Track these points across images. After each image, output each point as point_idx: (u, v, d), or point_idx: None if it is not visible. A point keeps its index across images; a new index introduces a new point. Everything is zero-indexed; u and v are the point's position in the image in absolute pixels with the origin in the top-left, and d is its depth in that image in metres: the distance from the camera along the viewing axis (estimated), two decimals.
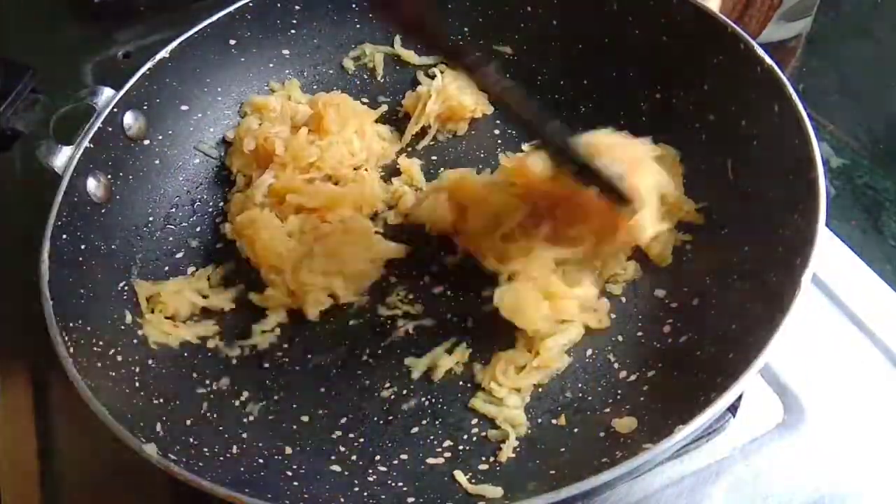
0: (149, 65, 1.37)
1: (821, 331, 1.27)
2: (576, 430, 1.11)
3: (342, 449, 1.14)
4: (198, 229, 1.41)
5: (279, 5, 1.50)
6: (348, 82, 1.58)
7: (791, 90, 1.15)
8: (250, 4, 1.46)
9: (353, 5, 1.55)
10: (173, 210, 1.42)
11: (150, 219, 1.37)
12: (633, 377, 1.15)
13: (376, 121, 1.50)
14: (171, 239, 1.39)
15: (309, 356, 1.25)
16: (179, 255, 1.37)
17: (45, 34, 1.87)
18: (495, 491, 1.04)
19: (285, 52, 1.54)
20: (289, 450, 1.14)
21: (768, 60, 1.19)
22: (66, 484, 1.24)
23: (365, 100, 1.54)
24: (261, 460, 1.11)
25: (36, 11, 1.92)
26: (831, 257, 1.34)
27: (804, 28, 1.78)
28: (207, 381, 1.22)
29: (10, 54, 1.35)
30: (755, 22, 1.76)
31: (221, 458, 1.09)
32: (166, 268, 1.35)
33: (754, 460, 1.15)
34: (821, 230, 1.03)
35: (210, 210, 1.44)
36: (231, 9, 1.45)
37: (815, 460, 1.14)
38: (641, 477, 1.15)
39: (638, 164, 1.21)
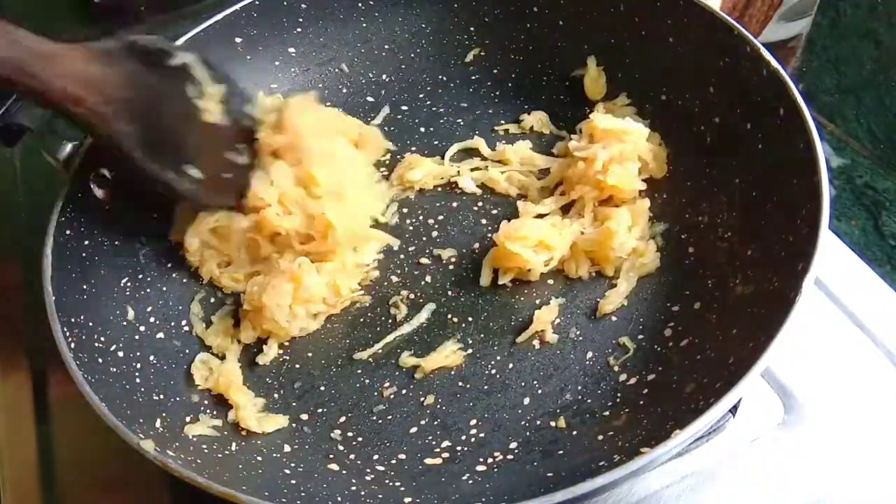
0: None
1: (821, 331, 1.23)
2: (574, 432, 1.08)
3: (340, 448, 1.11)
4: None
5: (286, 3, 1.45)
6: (353, 81, 1.53)
7: (796, 93, 1.11)
8: (256, 3, 1.42)
9: (360, 4, 1.51)
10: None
11: (154, 215, 1.32)
12: (632, 380, 1.11)
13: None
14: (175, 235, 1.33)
15: (309, 354, 1.22)
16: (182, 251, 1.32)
17: (46, 34, 1.82)
18: None
19: (291, 50, 1.49)
20: (287, 448, 1.11)
21: (774, 63, 1.15)
22: (65, 482, 1.21)
23: (371, 98, 1.51)
24: (259, 458, 1.08)
25: (36, 11, 1.88)
26: (832, 258, 1.31)
27: (804, 28, 1.75)
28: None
29: None
30: (755, 22, 1.73)
31: (219, 455, 1.06)
32: (169, 264, 1.30)
33: (754, 460, 1.12)
34: (823, 235, 0.99)
35: None
36: (238, 6, 1.41)
37: (815, 460, 1.11)
38: (642, 476, 1.11)
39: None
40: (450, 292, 1.25)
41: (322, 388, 1.17)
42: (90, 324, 1.12)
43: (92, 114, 1.05)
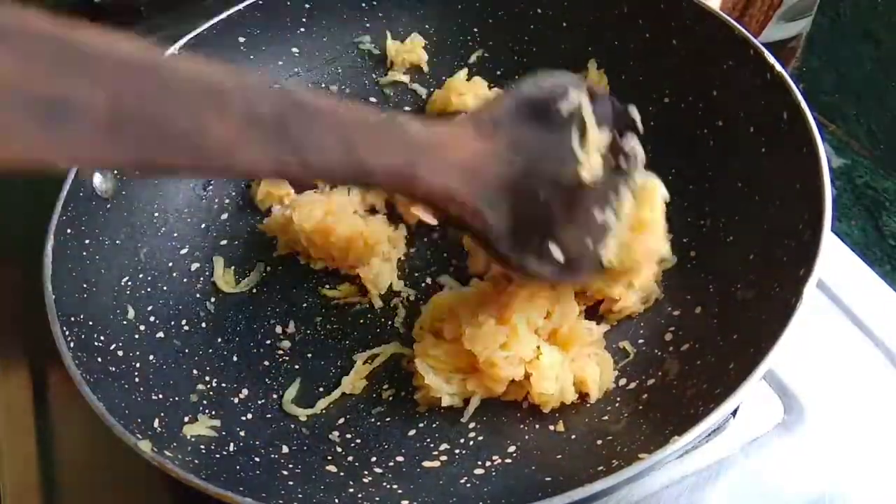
0: None
1: (820, 331, 1.21)
2: (573, 436, 1.05)
3: (339, 450, 1.09)
4: (202, 226, 1.35)
5: (289, 3, 1.43)
6: (357, 81, 1.51)
7: (799, 97, 1.08)
8: (260, 2, 1.39)
9: (363, 3, 1.48)
10: (179, 206, 1.35)
11: (156, 214, 1.30)
12: (632, 385, 1.09)
13: None
14: (175, 235, 1.31)
15: (309, 355, 1.20)
16: (184, 251, 1.30)
17: None
18: None
19: (294, 49, 1.46)
20: (285, 449, 1.08)
21: (778, 67, 1.12)
22: (65, 483, 1.19)
23: (374, 100, 1.48)
24: (257, 459, 1.05)
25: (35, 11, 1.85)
26: (832, 258, 1.27)
27: (804, 28, 1.73)
28: (207, 378, 1.16)
29: None
30: (755, 22, 1.70)
31: (217, 456, 1.03)
32: (170, 263, 1.28)
33: (754, 460, 1.10)
34: (825, 240, 0.97)
35: (216, 207, 1.38)
36: (241, 6, 1.38)
37: (815, 460, 1.09)
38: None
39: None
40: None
41: (321, 390, 1.15)
42: (90, 323, 1.09)
43: (464, 209, 0.87)
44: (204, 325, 1.22)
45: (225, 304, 1.25)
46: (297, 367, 1.18)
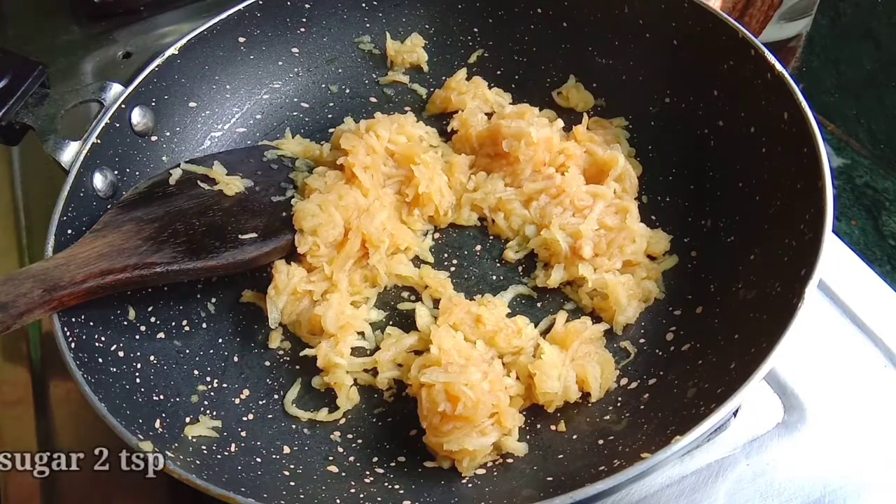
0: (158, 61, 1.30)
1: (821, 330, 1.20)
2: (574, 436, 1.05)
3: (340, 450, 1.09)
4: None
5: (289, 3, 1.43)
6: (357, 81, 1.50)
7: (801, 98, 1.08)
8: (260, 2, 1.39)
9: (363, 4, 1.48)
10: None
11: None
12: (634, 384, 1.09)
13: None
14: None
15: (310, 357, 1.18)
16: None
17: (46, 34, 1.82)
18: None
19: (294, 49, 1.46)
20: (287, 449, 1.08)
21: (778, 66, 1.12)
22: (66, 483, 1.18)
23: (374, 100, 1.48)
24: (258, 459, 1.05)
25: (36, 11, 1.86)
26: (831, 258, 1.26)
27: (804, 28, 1.72)
28: (209, 379, 1.15)
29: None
30: (755, 22, 1.70)
31: (219, 456, 1.03)
32: None
33: (755, 459, 1.10)
34: (826, 241, 0.97)
35: None
36: (241, 6, 1.38)
37: (815, 459, 1.09)
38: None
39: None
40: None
41: (323, 390, 1.15)
42: (90, 324, 1.09)
43: (125, 270, 1.09)
44: (205, 325, 1.21)
45: (226, 305, 1.24)
46: (297, 367, 1.17)
